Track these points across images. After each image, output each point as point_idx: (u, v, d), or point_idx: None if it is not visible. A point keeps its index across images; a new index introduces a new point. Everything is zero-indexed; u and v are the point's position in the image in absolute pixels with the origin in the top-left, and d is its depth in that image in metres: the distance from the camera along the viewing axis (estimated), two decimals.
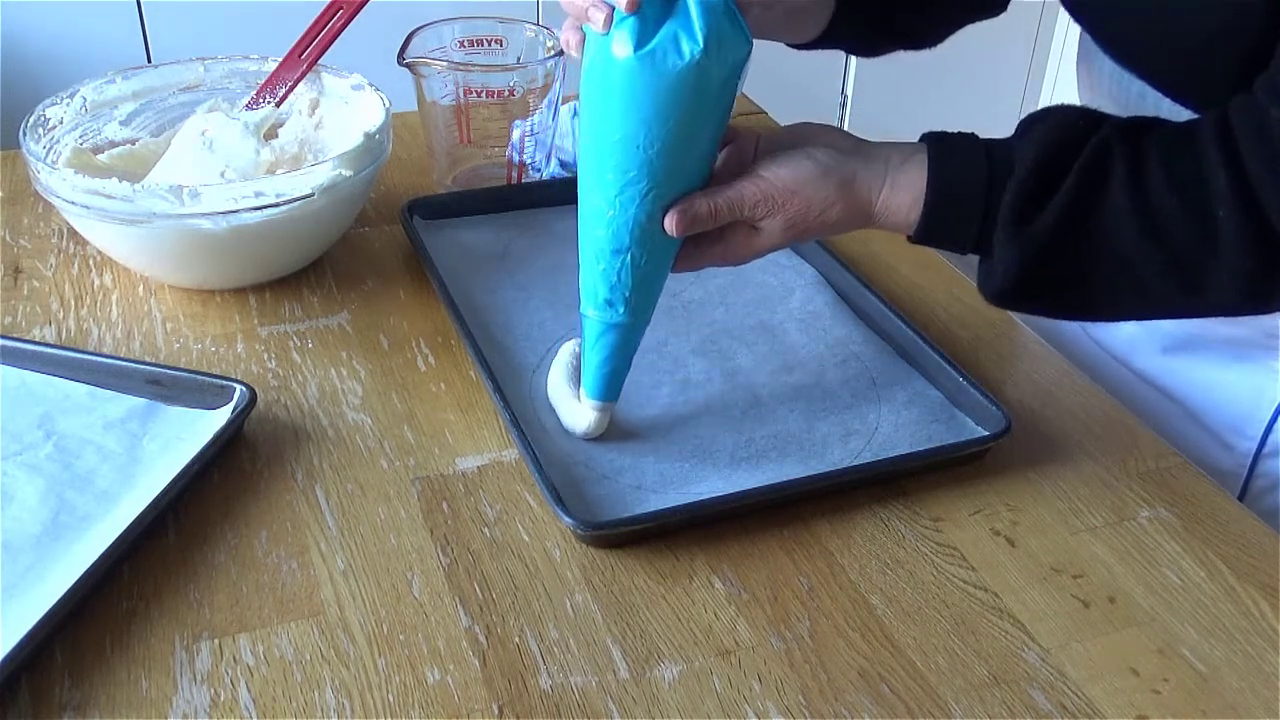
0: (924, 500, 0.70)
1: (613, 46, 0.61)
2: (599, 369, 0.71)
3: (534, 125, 0.97)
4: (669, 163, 0.64)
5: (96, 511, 0.65)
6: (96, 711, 0.55)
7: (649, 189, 0.64)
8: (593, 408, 0.71)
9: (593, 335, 0.70)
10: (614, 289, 0.68)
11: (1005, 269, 0.66)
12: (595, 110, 0.64)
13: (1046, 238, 0.64)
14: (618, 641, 0.60)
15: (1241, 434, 0.83)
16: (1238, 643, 0.62)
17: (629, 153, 0.63)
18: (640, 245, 0.66)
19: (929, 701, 0.58)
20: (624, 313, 0.69)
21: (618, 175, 0.64)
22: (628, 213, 0.65)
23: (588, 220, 0.67)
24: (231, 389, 0.72)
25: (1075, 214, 0.64)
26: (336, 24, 0.91)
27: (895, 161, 0.68)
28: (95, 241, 0.85)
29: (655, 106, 0.62)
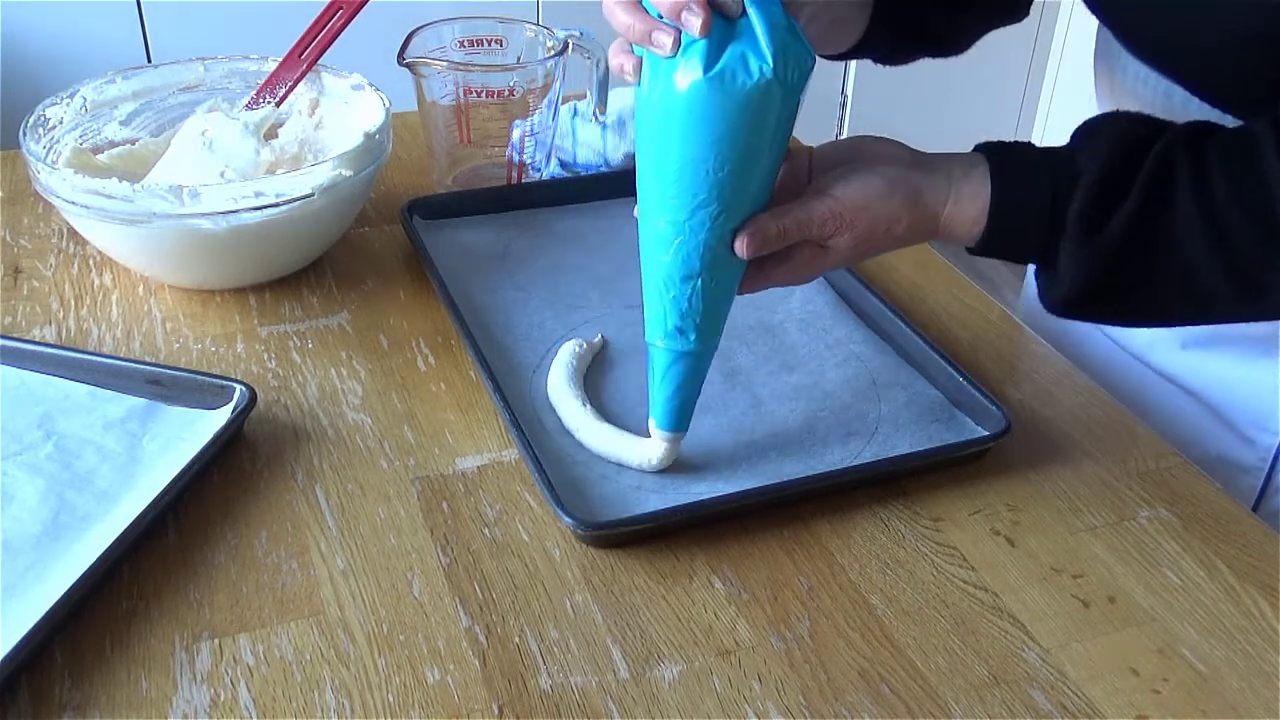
0: (924, 500, 0.70)
1: (680, 70, 0.60)
2: (670, 400, 0.69)
3: (534, 125, 0.97)
4: (738, 183, 0.62)
5: (96, 511, 0.65)
6: (96, 711, 0.55)
7: (719, 211, 0.63)
8: (663, 439, 0.70)
9: (662, 365, 0.68)
10: (684, 316, 0.66)
11: (1072, 279, 0.66)
12: (661, 135, 0.62)
13: (1114, 248, 0.64)
14: (618, 641, 0.60)
15: (1264, 428, 0.82)
16: (1238, 643, 0.62)
17: (698, 176, 0.62)
18: (710, 270, 0.65)
19: (929, 701, 0.58)
20: (695, 340, 0.67)
21: (687, 199, 0.63)
22: (698, 237, 0.63)
23: (654, 248, 0.65)
24: (231, 389, 0.72)
25: (1142, 224, 0.63)
26: (336, 24, 0.91)
27: (957, 175, 0.67)
28: (95, 241, 0.85)
29: (725, 127, 0.60)
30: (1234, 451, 0.84)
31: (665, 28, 0.60)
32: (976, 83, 2.54)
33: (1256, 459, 0.83)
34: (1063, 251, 0.65)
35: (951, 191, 0.67)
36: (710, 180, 0.62)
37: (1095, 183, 0.64)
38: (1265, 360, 0.81)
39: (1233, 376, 0.84)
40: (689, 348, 0.67)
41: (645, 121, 0.63)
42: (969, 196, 0.67)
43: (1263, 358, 0.82)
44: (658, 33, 0.60)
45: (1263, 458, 0.83)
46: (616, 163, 1.05)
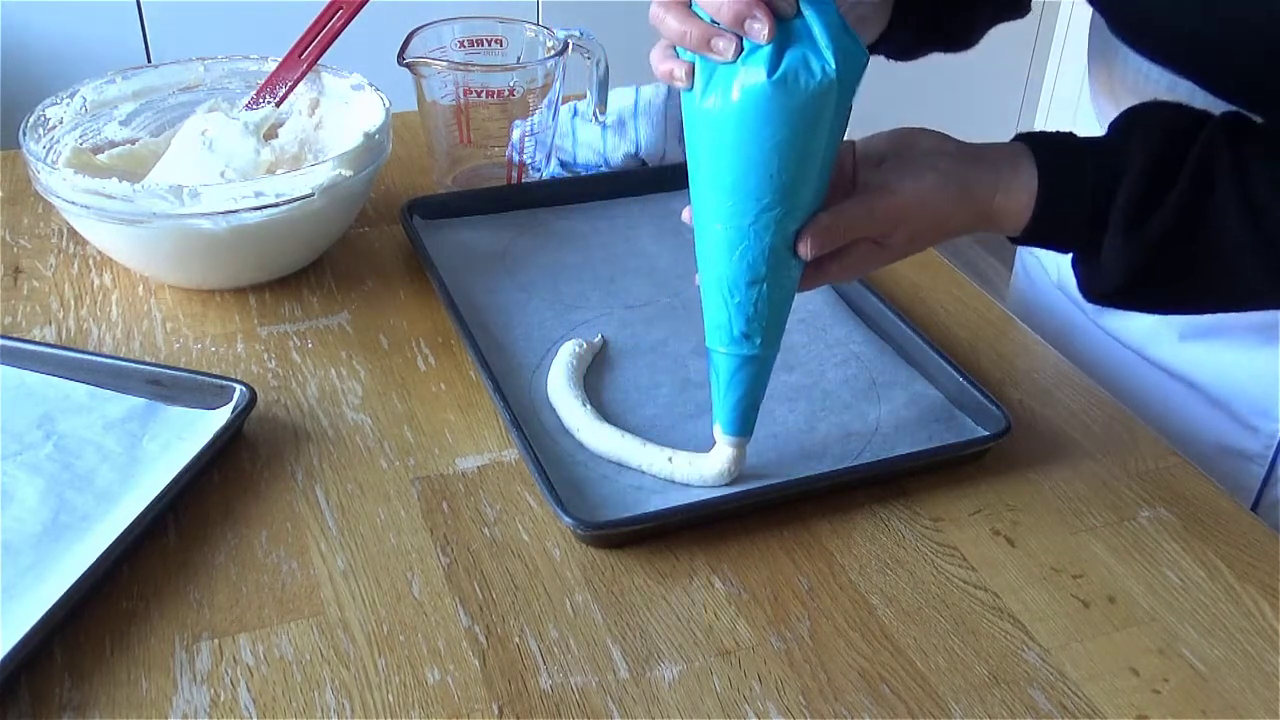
0: (924, 500, 0.70)
1: (742, 75, 0.59)
2: (737, 405, 0.68)
3: (534, 125, 0.97)
4: (800, 185, 0.62)
5: (96, 511, 0.65)
6: (96, 711, 0.55)
7: (783, 214, 0.62)
8: (730, 444, 0.69)
9: (728, 372, 0.67)
10: (750, 321, 0.66)
11: (1115, 271, 0.67)
12: (721, 140, 0.61)
13: (1157, 242, 0.65)
14: (618, 641, 0.60)
15: (1267, 415, 0.83)
16: (1238, 643, 0.62)
17: (762, 180, 0.61)
18: (774, 273, 0.64)
19: (929, 701, 0.58)
20: (760, 344, 0.66)
21: (750, 204, 0.62)
22: (763, 241, 0.63)
23: (716, 255, 0.64)
24: (231, 389, 0.72)
25: (1186, 218, 0.64)
26: (336, 24, 0.91)
27: (1005, 167, 0.68)
28: (95, 241, 0.85)
29: (789, 130, 0.60)
30: (1237, 440, 0.84)
31: (724, 33, 0.59)
32: (977, 83, 2.54)
33: (1261, 446, 0.84)
34: (1106, 245, 0.66)
35: (1000, 184, 0.67)
36: (774, 184, 0.61)
37: (1140, 177, 0.65)
38: (1265, 349, 0.82)
39: (1233, 366, 0.84)
40: (755, 351, 0.67)
41: (701, 127, 0.62)
42: (1017, 189, 0.67)
43: (1263, 346, 0.82)
44: (717, 39, 0.60)
45: (1267, 445, 0.84)
46: (616, 163, 1.05)
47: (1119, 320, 0.91)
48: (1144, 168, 0.65)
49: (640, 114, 1.04)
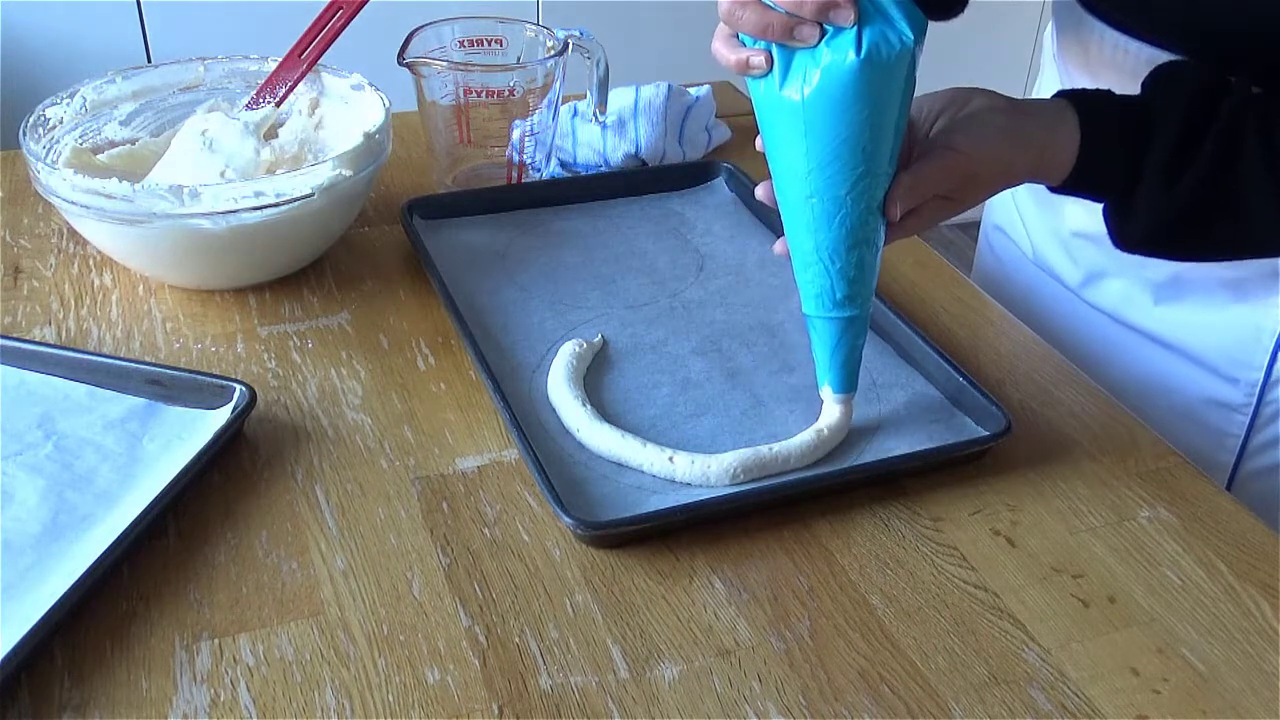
0: (924, 500, 0.70)
1: (829, 56, 0.63)
2: (845, 364, 0.72)
3: (534, 125, 0.97)
4: (885, 150, 0.67)
5: (96, 511, 0.65)
6: (96, 711, 0.55)
7: (875, 180, 0.67)
8: (839, 401, 0.73)
9: (833, 335, 0.71)
10: (852, 283, 0.70)
11: (1148, 221, 0.72)
12: (813, 120, 0.65)
13: (1188, 195, 0.70)
14: (618, 641, 0.60)
15: (1247, 365, 0.86)
16: (1238, 643, 0.62)
17: (855, 151, 0.65)
18: (870, 234, 0.69)
19: (929, 701, 0.58)
20: (859, 305, 0.71)
21: (847, 175, 0.66)
22: (859, 207, 0.67)
23: (815, 228, 0.68)
24: (231, 389, 0.72)
25: (1216, 171, 0.70)
26: (336, 24, 0.91)
27: (1053, 119, 0.73)
28: (95, 241, 0.85)
29: (876, 102, 0.64)
30: (1219, 393, 0.88)
31: (806, 21, 0.63)
32: (977, 82, 2.53)
33: (1244, 396, 0.88)
34: (1141, 196, 0.71)
35: (1051, 136, 0.72)
36: (866, 152, 0.66)
37: (1174, 133, 0.70)
38: (1236, 304, 0.86)
39: (1207, 324, 0.88)
40: (856, 312, 0.71)
41: (786, 111, 0.66)
42: (1063, 142, 0.72)
43: (1235, 302, 0.86)
44: (802, 27, 0.63)
45: (1249, 394, 0.87)
46: (616, 163, 1.05)
47: (1095, 289, 0.95)
48: (1177, 123, 0.70)
49: (640, 114, 1.04)
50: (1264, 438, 0.88)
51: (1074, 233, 0.94)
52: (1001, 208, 1.06)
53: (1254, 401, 0.87)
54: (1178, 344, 0.90)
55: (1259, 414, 0.87)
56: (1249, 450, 0.89)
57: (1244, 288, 0.85)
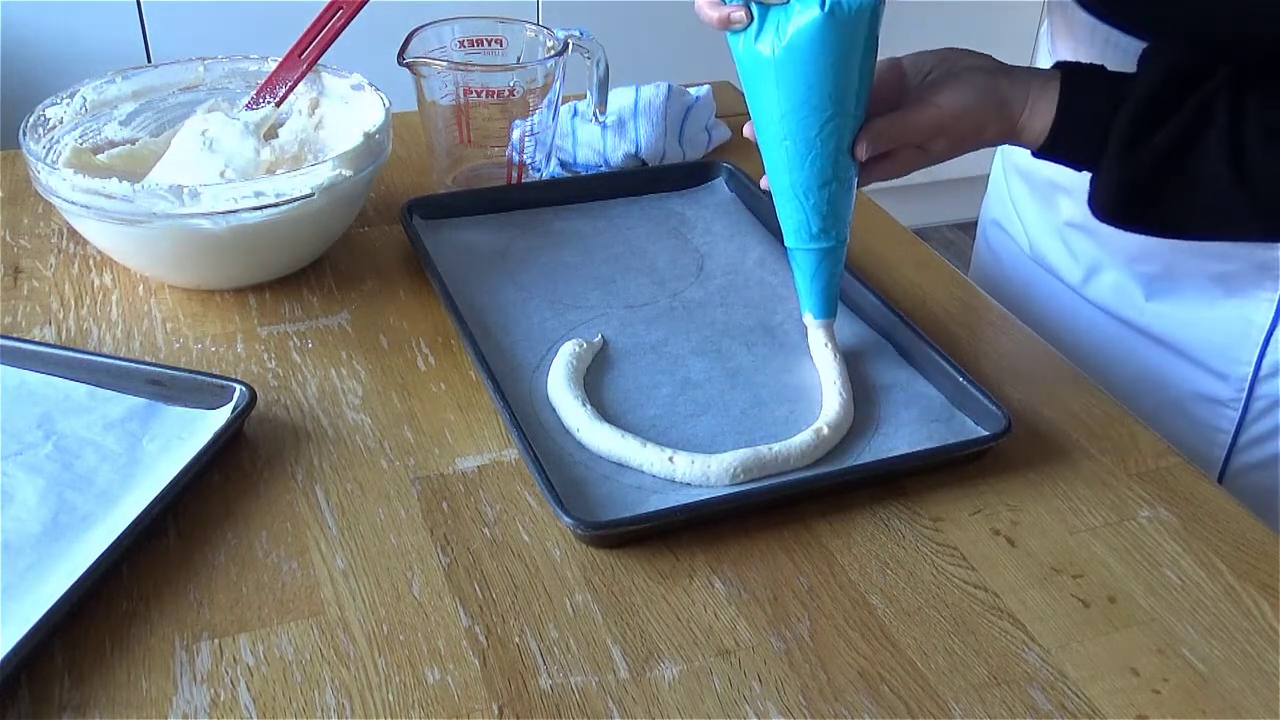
0: (924, 500, 0.70)
1: (798, 12, 0.70)
2: (823, 291, 0.80)
3: (534, 125, 0.97)
4: (852, 95, 0.73)
5: (96, 511, 0.65)
6: (96, 711, 0.55)
7: (841, 123, 0.73)
8: (820, 326, 0.80)
9: (811, 265, 0.79)
10: (825, 218, 0.77)
11: (1109, 186, 0.75)
12: (785, 70, 0.72)
13: (1148, 166, 0.73)
14: (618, 641, 0.60)
15: (1236, 360, 0.88)
16: (1238, 643, 0.62)
17: (822, 98, 0.72)
18: (839, 173, 0.75)
19: (929, 701, 0.58)
20: (835, 236, 0.78)
21: (816, 119, 0.73)
22: (828, 147, 0.74)
23: (789, 167, 0.75)
24: (231, 389, 0.72)
25: (1176, 151, 0.72)
26: (336, 24, 0.91)
27: (1035, 87, 0.76)
28: (95, 241, 0.85)
29: (841, 50, 0.71)
30: (1209, 388, 0.90)
31: None
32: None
33: (1234, 391, 0.88)
34: (1105, 160, 0.74)
35: (1030, 100, 0.76)
36: (834, 96, 0.72)
37: (1143, 100, 0.73)
38: (1227, 300, 0.87)
39: (1198, 320, 0.89)
40: (830, 244, 0.78)
41: (761, 62, 0.72)
42: (1043, 107, 0.76)
43: (1224, 298, 0.87)
44: None
45: (1239, 389, 0.88)
46: (616, 163, 1.05)
47: (1089, 285, 0.96)
48: (1148, 94, 0.73)
49: (640, 114, 1.04)
50: (1254, 433, 0.89)
51: (1067, 222, 0.95)
52: (998, 202, 1.06)
53: (1244, 396, 0.88)
54: (1169, 339, 0.91)
55: (1249, 409, 0.88)
56: (1239, 445, 0.90)
57: (1234, 282, 0.86)
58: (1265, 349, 0.86)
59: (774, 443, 0.71)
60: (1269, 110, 0.71)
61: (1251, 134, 0.71)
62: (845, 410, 0.74)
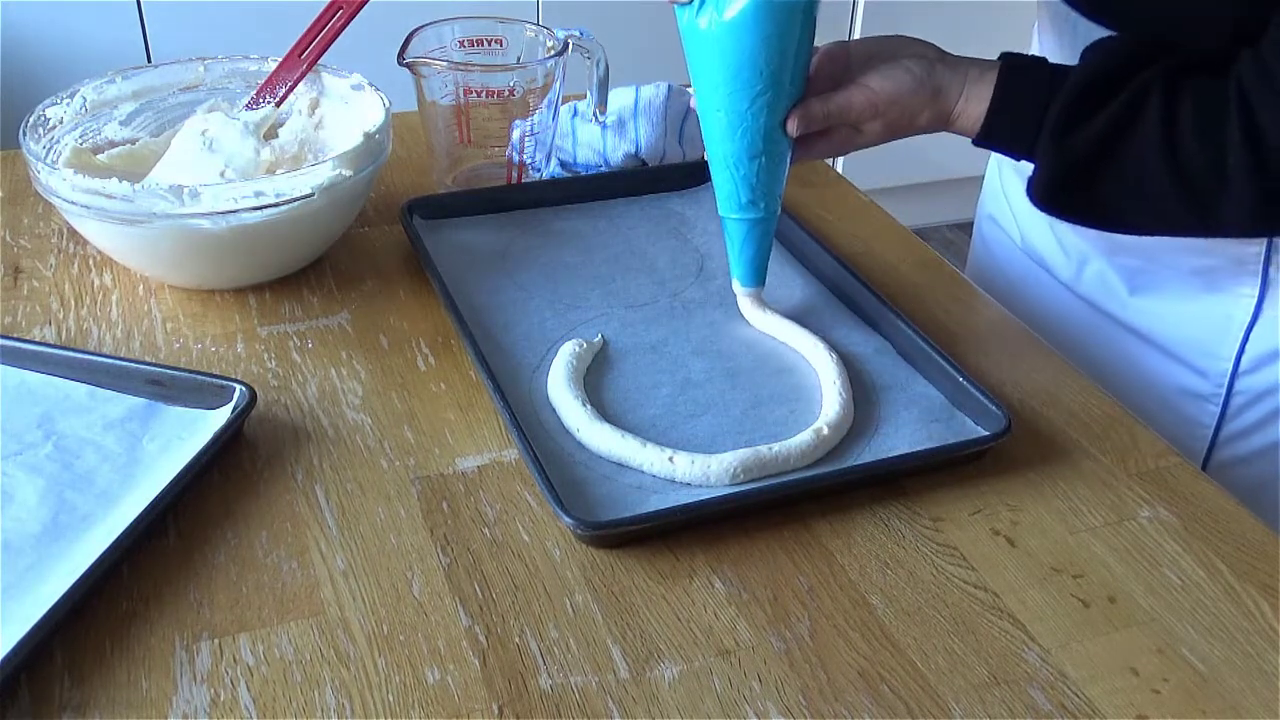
0: (924, 500, 0.70)
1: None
2: (751, 261, 0.83)
3: (534, 125, 0.97)
4: (784, 73, 0.75)
5: (96, 511, 0.65)
6: (96, 711, 0.55)
7: (773, 98, 0.76)
8: (747, 294, 0.84)
9: (740, 235, 0.82)
10: (754, 189, 0.79)
11: (1043, 173, 0.76)
12: (719, 45, 0.74)
13: (1081, 153, 0.74)
14: (618, 641, 0.60)
15: (1216, 355, 0.88)
16: (1238, 643, 0.62)
17: (754, 73, 0.75)
18: (770, 147, 0.78)
19: (929, 701, 0.58)
20: (764, 208, 0.80)
21: (747, 92, 0.75)
22: (759, 121, 0.76)
23: (721, 138, 0.78)
24: (231, 389, 0.72)
25: (1108, 139, 0.74)
26: (336, 24, 0.91)
27: (973, 75, 0.78)
28: (95, 241, 0.85)
29: (776, 29, 0.73)
30: (1191, 383, 0.91)
31: None
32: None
33: (1213, 387, 0.89)
34: (1039, 147, 0.76)
35: (965, 89, 0.78)
36: (766, 72, 0.75)
37: (1075, 90, 0.74)
38: (1206, 295, 0.88)
39: (1178, 315, 0.90)
40: (760, 215, 0.81)
41: (700, 36, 0.75)
42: (978, 96, 0.78)
43: (1203, 293, 0.88)
44: None
45: (1218, 384, 0.89)
46: (616, 163, 1.05)
47: (1077, 279, 0.97)
48: (1083, 82, 0.74)
49: (640, 114, 1.04)
50: (1234, 428, 0.90)
51: None
52: (993, 196, 1.07)
53: (1224, 392, 0.89)
54: (1151, 334, 0.92)
55: (1229, 404, 0.89)
56: (1220, 440, 0.91)
57: (1214, 278, 0.87)
58: (1245, 344, 0.87)
59: (774, 443, 0.71)
60: (1202, 101, 0.71)
61: (1184, 125, 0.71)
62: (845, 410, 0.74)
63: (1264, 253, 0.84)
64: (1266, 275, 0.85)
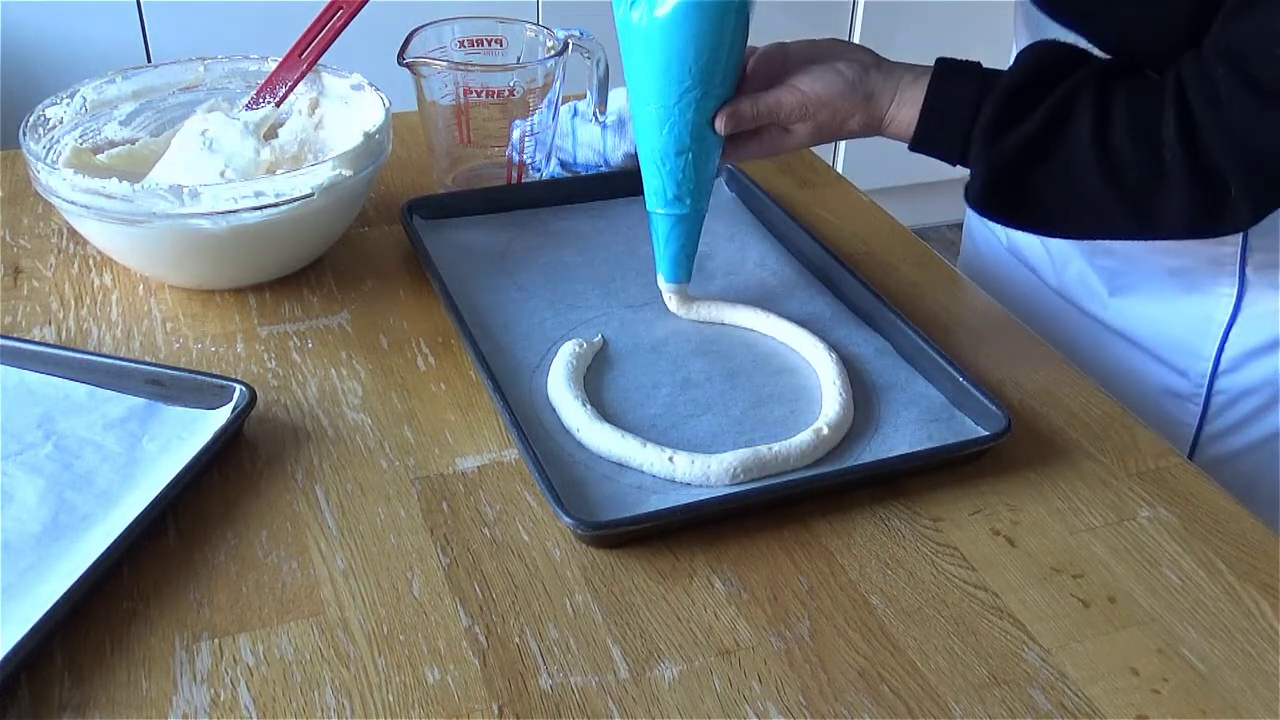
0: (924, 500, 0.70)
1: None
2: (675, 256, 0.83)
3: (534, 125, 0.97)
4: (715, 70, 0.75)
5: (96, 511, 0.65)
6: (96, 711, 0.55)
7: (702, 94, 0.76)
8: (672, 290, 0.84)
9: (665, 229, 0.82)
10: (680, 185, 0.79)
11: (974, 177, 0.76)
12: (651, 38, 0.74)
13: (1013, 155, 0.74)
14: (618, 641, 0.60)
15: (1196, 355, 0.89)
16: (1238, 643, 0.62)
17: (683, 69, 0.74)
18: (697, 144, 0.78)
19: (929, 701, 0.58)
20: (690, 204, 0.80)
21: (674, 87, 0.75)
22: (685, 117, 0.76)
23: (649, 131, 0.78)
24: (231, 389, 0.72)
25: (1040, 141, 0.73)
26: (336, 24, 0.91)
27: (906, 80, 0.78)
28: (95, 241, 0.85)
29: (707, 27, 0.73)
30: (1172, 383, 0.91)
31: None
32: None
33: (1193, 387, 0.90)
34: (971, 152, 0.75)
35: (898, 94, 0.78)
36: (695, 68, 0.74)
37: (1004, 93, 0.74)
38: (1185, 297, 0.88)
39: (1157, 317, 0.91)
40: (685, 211, 0.81)
41: (635, 32, 0.75)
42: (910, 100, 0.77)
43: (1182, 295, 0.88)
44: None
45: (1198, 384, 0.90)
46: (616, 163, 1.05)
47: (1059, 280, 0.97)
48: (1012, 86, 0.74)
49: None
50: (1214, 428, 0.90)
51: None
52: None
53: (1204, 392, 0.89)
54: (1132, 334, 0.92)
55: (1209, 404, 0.90)
56: (1201, 441, 0.91)
57: (1192, 278, 0.87)
58: (1224, 344, 0.87)
59: (774, 443, 0.71)
60: (1135, 101, 0.71)
61: (1117, 124, 0.71)
62: (845, 410, 0.74)
63: (1239, 253, 0.84)
64: (1244, 275, 0.85)
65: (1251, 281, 0.85)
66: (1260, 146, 0.68)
